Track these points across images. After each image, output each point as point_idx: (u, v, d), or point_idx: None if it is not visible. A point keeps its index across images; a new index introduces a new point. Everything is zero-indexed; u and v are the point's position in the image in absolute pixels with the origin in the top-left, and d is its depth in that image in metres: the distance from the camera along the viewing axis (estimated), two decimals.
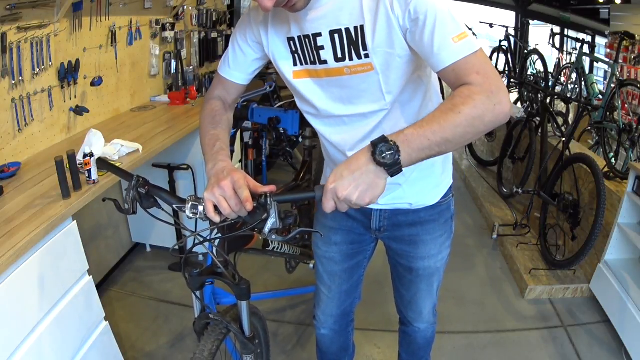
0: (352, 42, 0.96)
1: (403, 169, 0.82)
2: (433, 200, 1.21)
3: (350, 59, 0.98)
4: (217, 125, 1.09)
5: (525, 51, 4.70)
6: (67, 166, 1.46)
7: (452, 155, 1.27)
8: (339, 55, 0.98)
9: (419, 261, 1.28)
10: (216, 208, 0.88)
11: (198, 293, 1.17)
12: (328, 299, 1.41)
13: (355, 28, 0.94)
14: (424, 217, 1.23)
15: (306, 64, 1.04)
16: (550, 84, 4.17)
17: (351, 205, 0.82)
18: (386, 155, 0.78)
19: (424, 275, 1.31)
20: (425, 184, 1.19)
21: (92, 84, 2.18)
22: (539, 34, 5.32)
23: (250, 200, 0.85)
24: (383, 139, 0.80)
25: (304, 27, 0.98)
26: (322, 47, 0.99)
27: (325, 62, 1.00)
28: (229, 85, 1.16)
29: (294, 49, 1.04)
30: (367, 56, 0.96)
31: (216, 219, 0.88)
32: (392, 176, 0.81)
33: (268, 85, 3.46)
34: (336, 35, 0.96)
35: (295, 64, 1.06)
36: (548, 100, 3.30)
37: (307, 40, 1.00)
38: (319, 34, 0.97)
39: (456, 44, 0.85)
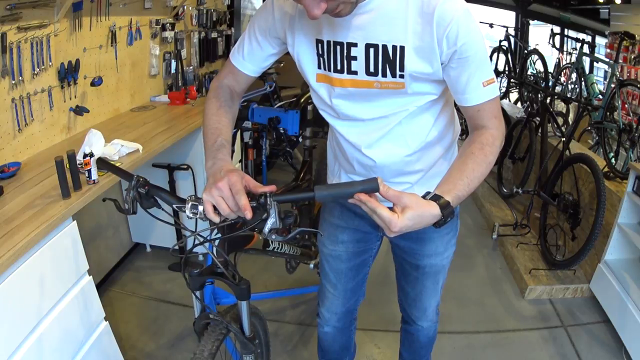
0: (388, 60, 0.95)
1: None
2: None
3: (384, 75, 0.97)
4: (221, 117, 1.08)
5: (525, 51, 4.70)
6: (67, 166, 1.46)
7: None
8: (372, 70, 0.98)
9: (426, 258, 1.29)
10: (215, 208, 0.88)
11: (198, 293, 1.16)
12: (333, 296, 1.41)
13: (394, 47, 0.94)
14: None
15: (330, 70, 1.02)
16: (550, 84, 4.16)
17: None
18: (448, 219, 0.88)
19: (430, 272, 1.32)
20: (434, 183, 1.19)
21: (92, 84, 2.18)
22: (539, 34, 5.30)
23: (249, 208, 0.84)
24: (446, 204, 0.86)
25: (339, 33, 0.97)
26: (354, 58, 0.98)
27: (355, 72, 0.99)
28: (240, 75, 1.15)
29: (320, 52, 1.02)
30: (402, 76, 0.96)
31: (216, 219, 0.88)
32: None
33: (268, 85, 3.46)
34: (372, 50, 0.95)
35: (319, 67, 1.04)
36: (548, 100, 3.30)
37: (339, 47, 0.98)
38: (354, 44, 0.96)
39: (484, 88, 0.95)
